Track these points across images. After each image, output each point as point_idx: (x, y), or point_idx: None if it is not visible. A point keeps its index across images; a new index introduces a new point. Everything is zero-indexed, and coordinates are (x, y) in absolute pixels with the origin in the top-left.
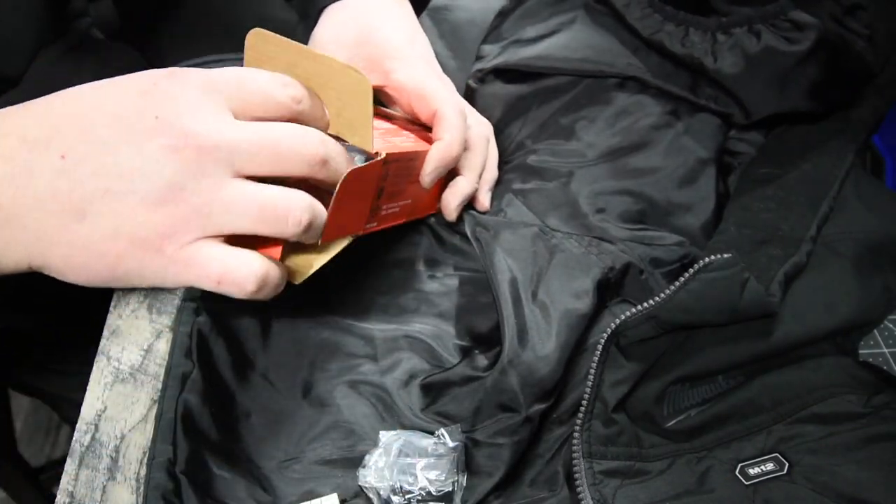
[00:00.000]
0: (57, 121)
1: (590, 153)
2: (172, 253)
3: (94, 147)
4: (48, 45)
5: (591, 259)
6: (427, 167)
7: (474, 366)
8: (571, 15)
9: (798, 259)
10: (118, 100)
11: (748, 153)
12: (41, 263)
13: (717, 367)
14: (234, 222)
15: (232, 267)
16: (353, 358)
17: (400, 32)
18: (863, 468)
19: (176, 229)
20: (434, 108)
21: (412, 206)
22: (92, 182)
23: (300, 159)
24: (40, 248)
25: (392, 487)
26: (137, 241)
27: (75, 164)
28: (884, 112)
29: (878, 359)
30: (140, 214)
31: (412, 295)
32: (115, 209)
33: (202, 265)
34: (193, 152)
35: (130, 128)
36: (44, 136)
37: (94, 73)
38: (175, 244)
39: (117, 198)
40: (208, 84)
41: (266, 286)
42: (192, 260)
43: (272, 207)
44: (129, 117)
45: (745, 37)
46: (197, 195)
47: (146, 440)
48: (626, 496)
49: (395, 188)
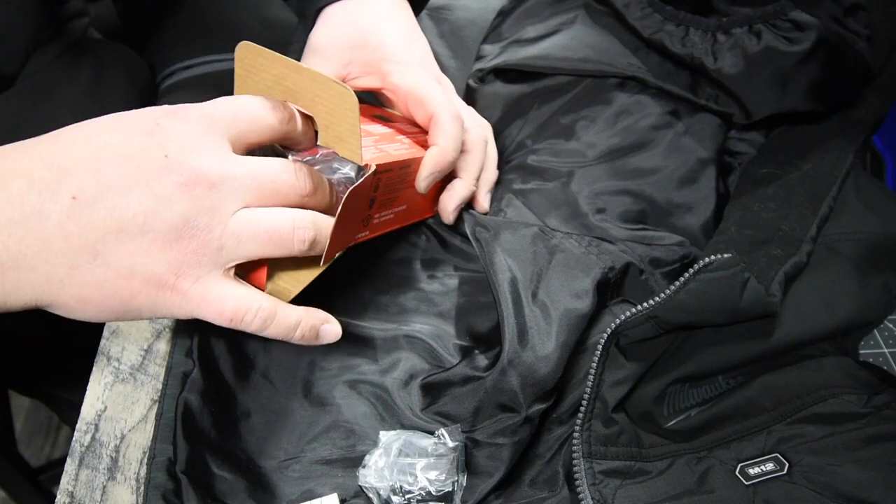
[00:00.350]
0: (65, 162)
1: (590, 153)
2: (187, 289)
3: (106, 188)
4: (45, 45)
5: (591, 259)
6: (422, 173)
7: (474, 366)
8: (571, 15)
9: (798, 259)
10: (124, 140)
11: (748, 153)
12: (49, 302)
13: (717, 367)
14: (245, 250)
15: (244, 308)
16: (353, 357)
17: (397, 35)
18: (863, 468)
19: (190, 265)
20: (430, 113)
21: (407, 212)
22: (105, 223)
23: (294, 191)
24: (50, 289)
25: (392, 487)
26: (152, 278)
27: (87, 206)
28: (884, 112)
29: (878, 359)
30: (154, 252)
31: (412, 295)
32: (129, 249)
33: (216, 303)
34: (204, 188)
35: (140, 168)
36: (52, 178)
37: (91, 73)
38: (189, 280)
39: (131, 237)
40: (206, 119)
41: (273, 325)
42: (205, 297)
43: (278, 231)
44: (138, 157)
45: (746, 37)
46: (209, 230)
47: (146, 440)
48: (626, 496)
49: (387, 196)
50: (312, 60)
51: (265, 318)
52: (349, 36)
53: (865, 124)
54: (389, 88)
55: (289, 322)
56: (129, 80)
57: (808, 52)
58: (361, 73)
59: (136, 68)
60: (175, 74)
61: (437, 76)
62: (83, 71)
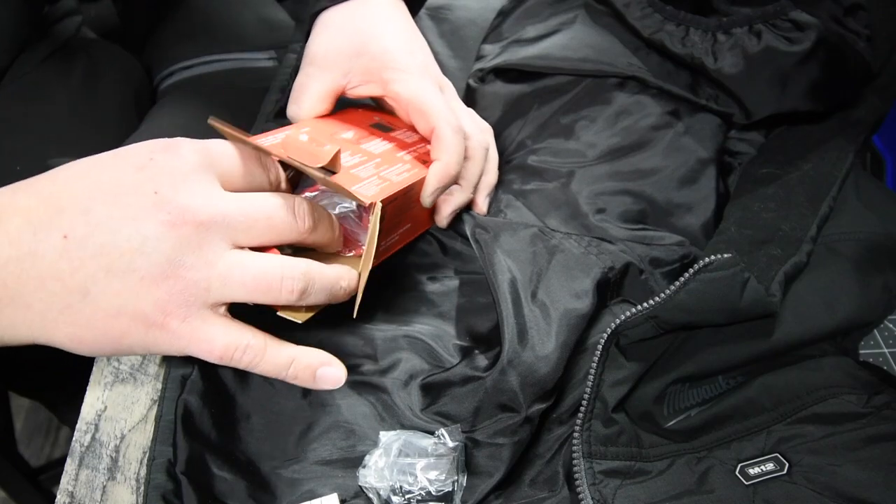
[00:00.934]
0: (59, 201)
1: (590, 153)
2: (175, 328)
3: (95, 227)
4: (35, 44)
5: (590, 259)
6: (427, 189)
7: (474, 366)
8: (572, 14)
9: (798, 259)
10: (116, 176)
11: (748, 153)
12: (46, 340)
13: (717, 367)
14: (232, 294)
15: (232, 346)
16: (353, 358)
17: (397, 39)
18: (863, 468)
19: (177, 304)
20: (431, 126)
21: (410, 230)
22: (94, 262)
23: (291, 229)
24: (45, 326)
25: (392, 487)
26: (140, 317)
27: (77, 245)
28: (884, 112)
29: (878, 359)
30: (142, 292)
31: (412, 295)
32: (117, 288)
33: (206, 342)
34: (192, 228)
35: (129, 206)
36: (47, 216)
37: (84, 73)
38: (177, 319)
39: (119, 276)
40: (202, 155)
41: (263, 363)
42: (194, 336)
43: (266, 279)
44: (128, 195)
45: (746, 37)
46: (195, 270)
47: (146, 440)
48: (626, 496)
49: (392, 223)
50: (311, 71)
51: (254, 356)
52: (348, 44)
53: (865, 124)
54: (391, 97)
55: (279, 360)
56: (124, 80)
57: (808, 52)
58: (362, 82)
59: (130, 68)
60: (175, 74)
61: (438, 81)
62: (76, 70)
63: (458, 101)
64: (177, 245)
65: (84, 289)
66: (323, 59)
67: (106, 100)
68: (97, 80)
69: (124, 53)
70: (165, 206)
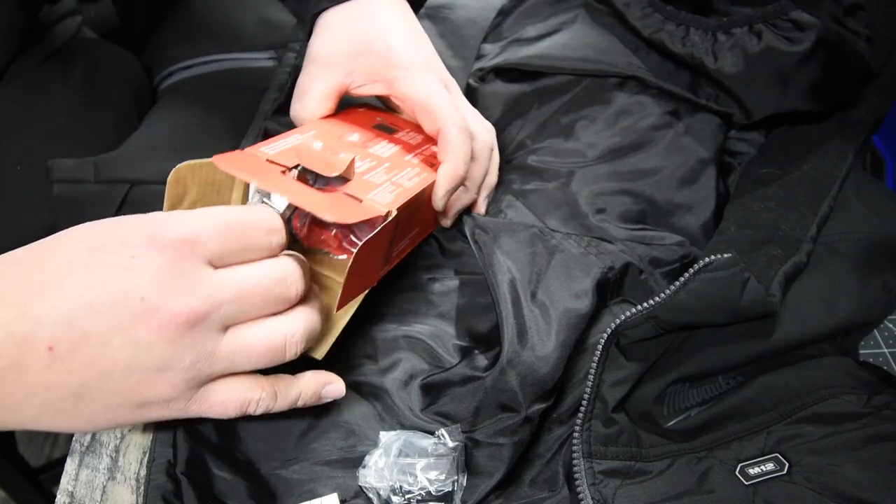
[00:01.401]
0: (36, 312)
1: (590, 153)
2: (183, 406)
3: (80, 338)
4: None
5: (590, 259)
6: (438, 192)
7: (474, 366)
8: (572, 14)
9: (798, 259)
10: (96, 285)
11: (748, 153)
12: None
13: (717, 367)
14: (237, 367)
15: (245, 403)
16: (353, 358)
17: (401, 38)
18: (863, 468)
19: (180, 391)
20: (438, 126)
21: (419, 233)
22: (84, 371)
23: (284, 301)
24: (41, 425)
25: (392, 487)
26: (143, 405)
27: (65, 358)
28: (884, 112)
29: (878, 359)
30: (142, 390)
31: (412, 295)
32: (114, 389)
33: (219, 406)
34: (184, 329)
35: (117, 316)
36: (27, 329)
37: (84, 73)
38: (182, 401)
39: (114, 380)
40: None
41: (276, 406)
42: (204, 406)
43: (271, 348)
44: (114, 304)
45: (746, 37)
46: (194, 364)
47: (146, 440)
48: (626, 496)
49: (404, 228)
50: (314, 70)
51: (267, 405)
52: (351, 43)
53: (865, 124)
54: (397, 96)
55: (289, 399)
56: (124, 80)
57: (809, 52)
58: (367, 81)
59: (130, 68)
60: (175, 74)
61: (443, 79)
62: (75, 71)
63: (464, 99)
64: (171, 348)
65: (77, 394)
66: (326, 59)
67: (106, 100)
68: (97, 80)
69: (124, 53)
70: (154, 313)
